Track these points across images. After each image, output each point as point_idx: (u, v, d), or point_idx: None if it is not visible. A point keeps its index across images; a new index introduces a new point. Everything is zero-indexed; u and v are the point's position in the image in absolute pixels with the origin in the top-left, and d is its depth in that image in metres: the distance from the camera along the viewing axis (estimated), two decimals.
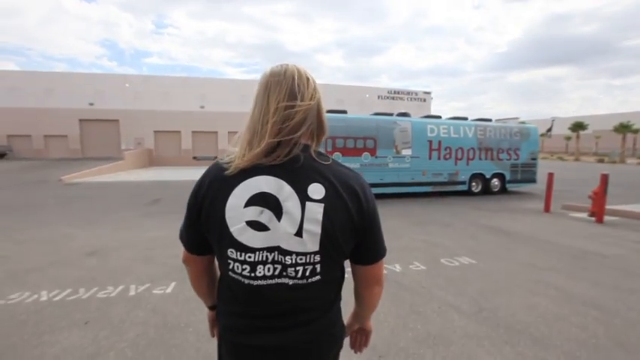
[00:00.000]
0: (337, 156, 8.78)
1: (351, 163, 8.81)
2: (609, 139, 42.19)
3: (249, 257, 0.79)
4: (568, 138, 45.09)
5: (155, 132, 25.02)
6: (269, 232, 0.79)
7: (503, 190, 11.03)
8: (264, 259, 0.79)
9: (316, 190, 0.79)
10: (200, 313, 2.78)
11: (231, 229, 0.78)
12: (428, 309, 2.93)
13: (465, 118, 10.85)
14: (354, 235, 0.83)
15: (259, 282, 0.80)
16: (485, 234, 5.80)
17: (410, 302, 3.06)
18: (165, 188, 11.63)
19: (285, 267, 0.80)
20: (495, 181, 10.85)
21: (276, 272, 0.80)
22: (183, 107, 25.07)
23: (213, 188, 0.81)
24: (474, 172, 10.46)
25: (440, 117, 10.66)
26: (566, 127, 41.34)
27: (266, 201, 0.78)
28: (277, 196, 0.78)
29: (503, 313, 2.85)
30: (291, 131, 0.78)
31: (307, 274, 0.81)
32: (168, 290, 3.32)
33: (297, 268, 0.80)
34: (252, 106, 0.83)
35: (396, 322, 2.69)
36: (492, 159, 10.63)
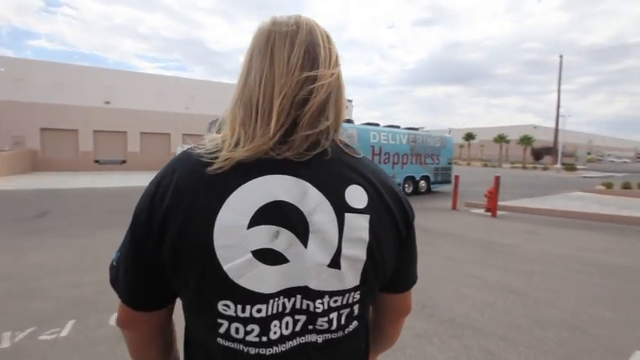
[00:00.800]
0: None
1: None
2: (490, 148, 51.29)
3: (259, 311, 0.49)
4: (461, 146, 52.98)
5: (42, 129, 20.63)
6: (288, 265, 0.50)
7: (428, 191, 12.52)
8: (281, 309, 0.50)
9: (357, 195, 0.53)
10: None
11: (226, 267, 0.47)
12: None
13: (398, 127, 11.78)
14: (398, 257, 0.60)
15: (275, 349, 0.50)
16: None
17: None
18: (56, 198, 9.59)
19: (313, 317, 0.52)
20: (422, 183, 12.23)
21: (299, 328, 0.52)
22: (82, 101, 21.25)
23: (188, 195, 0.49)
24: (407, 175, 11.59)
25: (378, 124, 11.43)
26: (460, 136, 48.52)
27: (284, 215, 0.49)
28: (300, 206, 0.50)
29: (442, 308, 3.02)
30: (317, 114, 0.52)
31: (343, 321, 0.54)
32: (63, 334, 2.50)
33: (331, 316, 0.52)
34: (243, 69, 0.55)
35: None
36: (420, 163, 12.00)
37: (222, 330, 0.50)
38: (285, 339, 0.51)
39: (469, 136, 46.84)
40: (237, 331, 0.50)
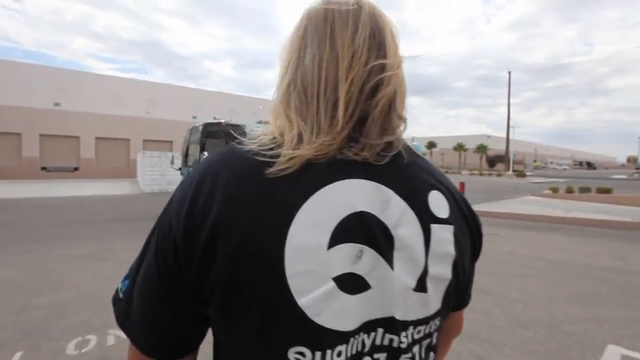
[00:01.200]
0: None
1: None
2: (450, 156, 54.40)
3: (339, 355, 0.38)
4: (424, 154, 55.76)
5: None
6: (370, 292, 0.40)
7: None
8: (360, 348, 0.40)
9: (440, 203, 0.46)
10: None
11: (302, 302, 0.37)
12: None
13: None
14: (471, 272, 0.53)
15: None
16: None
17: None
18: None
19: (395, 355, 0.42)
20: None
21: None
22: (27, 102, 19.32)
23: (245, 206, 0.38)
24: None
25: None
26: (423, 145, 51.01)
27: (366, 230, 0.40)
28: (382, 218, 0.41)
29: None
30: (387, 108, 0.44)
31: (424, 355, 0.45)
32: None
33: (414, 351, 0.44)
34: (292, 51, 0.46)
35: None
36: None
37: None
38: None
39: (431, 145, 49.54)
40: None
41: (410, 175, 0.46)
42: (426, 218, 0.44)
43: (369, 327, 0.40)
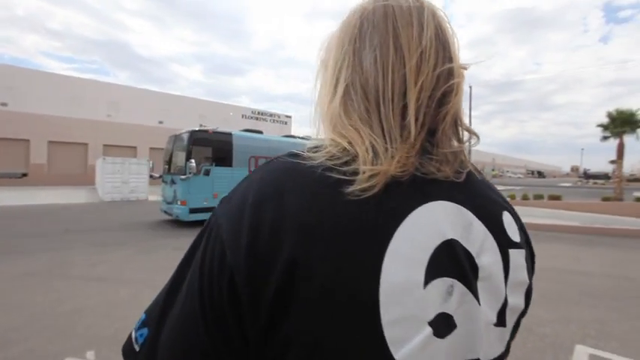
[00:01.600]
0: None
1: None
2: None
3: None
4: None
5: None
6: (456, 332, 0.33)
7: None
8: None
9: (511, 226, 0.42)
10: None
11: (398, 356, 0.30)
12: None
13: (293, 136, 12.30)
14: None
15: None
16: None
17: None
18: None
19: None
20: None
21: None
22: None
23: (325, 235, 0.31)
24: None
25: (294, 136, 11.72)
26: None
27: (456, 261, 0.35)
28: (466, 245, 0.36)
29: None
30: (454, 119, 0.40)
31: None
32: None
33: None
34: (344, 50, 0.41)
35: None
36: None
37: None
38: None
39: None
40: None
41: (484, 195, 0.41)
42: (504, 243, 0.40)
43: None
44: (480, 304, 0.36)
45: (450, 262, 0.34)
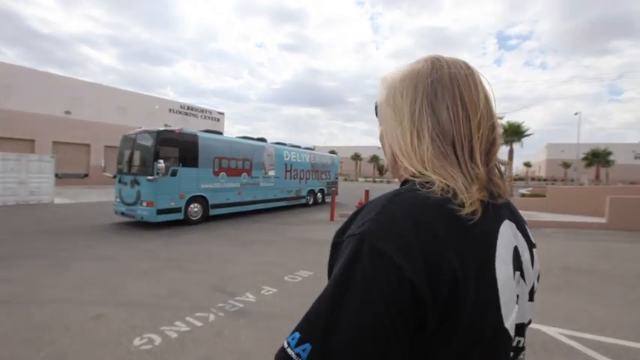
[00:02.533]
0: (223, 175, 9.39)
1: (235, 182, 9.83)
2: (347, 164, 59.40)
3: (510, 349, 0.52)
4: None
5: None
6: (519, 306, 0.52)
7: (322, 201, 14.35)
8: (515, 345, 0.53)
9: (530, 231, 0.60)
10: None
11: (507, 324, 0.47)
12: None
13: (264, 140, 12.16)
14: None
15: None
16: (303, 246, 6.58)
17: (287, 331, 3.01)
18: None
19: (518, 353, 0.55)
20: (319, 195, 14.32)
21: None
22: None
23: (468, 254, 0.44)
24: (309, 188, 13.56)
25: (265, 139, 11.86)
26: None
27: (518, 260, 0.53)
28: (518, 247, 0.55)
29: None
30: (495, 154, 0.55)
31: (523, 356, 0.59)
32: None
33: (521, 356, 0.57)
34: (421, 106, 0.53)
35: None
36: (318, 178, 14.18)
37: None
38: None
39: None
40: None
41: (515, 212, 0.59)
42: (530, 245, 0.57)
43: (517, 330, 0.52)
44: (526, 284, 0.54)
45: (516, 260, 0.52)
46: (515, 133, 18.77)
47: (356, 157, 50.55)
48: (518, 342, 0.53)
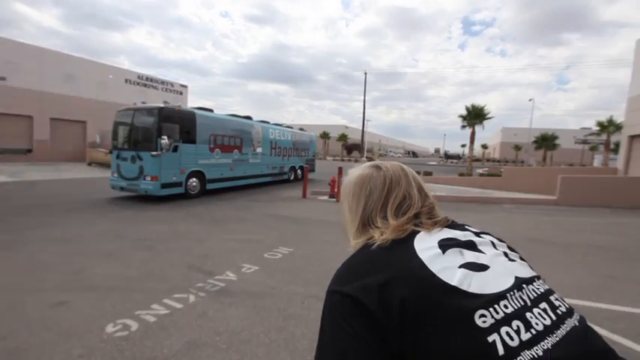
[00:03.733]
0: (217, 152, 9.88)
1: (227, 159, 10.33)
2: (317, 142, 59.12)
3: (505, 307, 0.59)
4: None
5: None
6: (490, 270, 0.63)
7: (302, 177, 14.23)
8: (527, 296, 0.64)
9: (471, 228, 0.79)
10: None
11: (454, 282, 0.60)
12: (296, 308, 2.91)
13: (249, 118, 12.22)
14: None
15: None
16: (279, 222, 6.46)
17: (276, 308, 2.90)
18: None
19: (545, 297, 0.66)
20: (299, 171, 14.77)
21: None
22: None
23: (393, 262, 0.62)
24: (291, 165, 14.23)
25: (250, 117, 12.21)
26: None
27: (448, 242, 0.66)
28: (448, 237, 0.69)
29: None
30: (406, 209, 0.74)
31: None
32: None
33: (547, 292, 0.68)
34: (359, 202, 0.75)
35: (283, 338, 2.47)
36: (299, 156, 14.88)
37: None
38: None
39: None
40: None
41: (450, 225, 0.73)
42: (476, 233, 0.70)
43: (524, 282, 0.57)
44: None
45: (447, 242, 0.62)
46: (477, 115, 19.62)
47: (325, 136, 50.31)
48: (533, 290, 0.57)
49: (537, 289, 0.57)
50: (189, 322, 2.56)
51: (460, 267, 0.55)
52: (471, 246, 0.62)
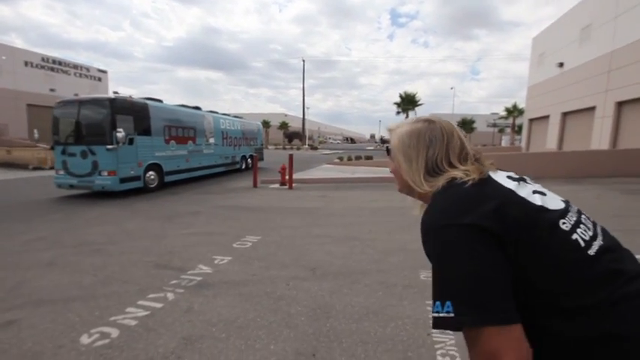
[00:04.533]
0: (173, 143, 9.81)
1: (182, 150, 10.25)
2: None
3: (569, 220, 0.74)
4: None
5: None
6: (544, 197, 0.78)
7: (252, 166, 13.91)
8: (576, 217, 0.79)
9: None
10: None
11: (538, 204, 0.74)
12: (283, 290, 2.94)
13: (199, 108, 12.13)
14: None
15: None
16: (236, 213, 6.28)
17: (262, 293, 2.88)
18: None
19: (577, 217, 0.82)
20: (249, 160, 14.77)
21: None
22: None
23: (494, 194, 0.75)
24: (242, 154, 14.41)
25: (200, 108, 12.14)
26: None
27: (514, 178, 0.81)
28: (510, 176, 0.83)
29: (330, 268, 3.46)
30: (465, 156, 0.86)
31: None
32: None
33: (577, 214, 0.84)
34: (420, 151, 0.83)
35: (280, 318, 2.49)
36: (248, 145, 15.12)
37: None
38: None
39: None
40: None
41: (504, 171, 0.84)
42: (521, 177, 0.82)
43: (563, 210, 0.73)
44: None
45: (513, 179, 0.77)
46: (410, 102, 21.29)
47: (265, 125, 49.36)
48: (574, 208, 0.76)
49: (574, 207, 0.77)
50: (177, 319, 2.43)
51: (534, 193, 0.71)
52: (524, 180, 0.78)
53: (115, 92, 8.67)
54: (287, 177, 10.13)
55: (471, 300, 0.59)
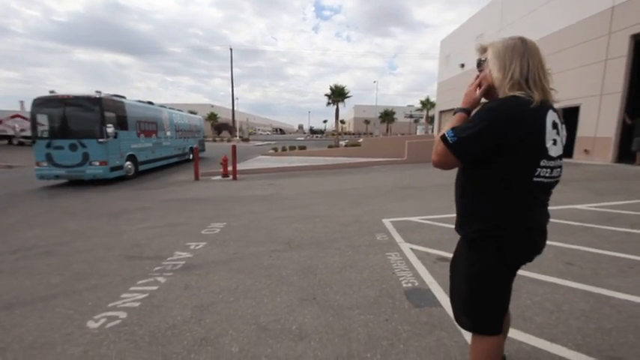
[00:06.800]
0: (142, 137, 10.89)
1: (149, 143, 11.36)
2: None
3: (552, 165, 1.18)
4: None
5: None
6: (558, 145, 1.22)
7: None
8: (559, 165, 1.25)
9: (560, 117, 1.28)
10: None
11: (547, 146, 1.17)
12: (269, 261, 3.30)
13: (152, 103, 12.63)
14: None
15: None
16: (190, 205, 6.24)
17: (250, 265, 3.19)
18: None
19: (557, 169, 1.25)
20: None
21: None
22: None
23: (533, 117, 1.12)
24: (190, 146, 15.43)
25: (152, 103, 12.65)
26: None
27: (554, 125, 1.18)
28: (555, 121, 1.21)
29: (302, 240, 3.90)
30: (546, 81, 1.19)
31: None
32: None
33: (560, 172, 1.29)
34: (515, 62, 1.13)
35: (275, 281, 2.84)
36: (194, 137, 16.26)
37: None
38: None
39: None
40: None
41: (555, 108, 1.17)
42: (561, 122, 1.19)
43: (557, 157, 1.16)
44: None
45: (554, 125, 1.15)
46: (340, 94, 22.50)
47: (212, 117, 46.14)
48: (559, 167, 1.17)
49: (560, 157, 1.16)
50: (181, 295, 2.62)
51: (551, 139, 1.09)
52: (556, 126, 1.11)
53: (98, 92, 8.87)
54: (230, 168, 10.12)
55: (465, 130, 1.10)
